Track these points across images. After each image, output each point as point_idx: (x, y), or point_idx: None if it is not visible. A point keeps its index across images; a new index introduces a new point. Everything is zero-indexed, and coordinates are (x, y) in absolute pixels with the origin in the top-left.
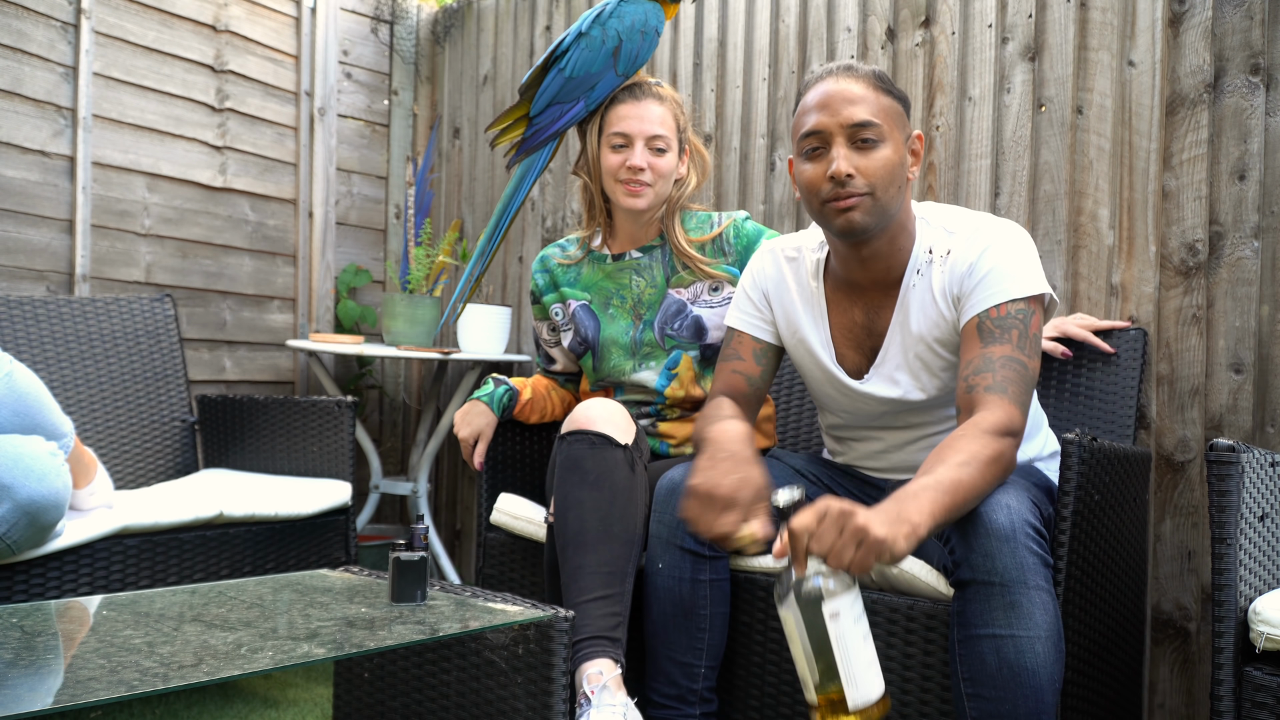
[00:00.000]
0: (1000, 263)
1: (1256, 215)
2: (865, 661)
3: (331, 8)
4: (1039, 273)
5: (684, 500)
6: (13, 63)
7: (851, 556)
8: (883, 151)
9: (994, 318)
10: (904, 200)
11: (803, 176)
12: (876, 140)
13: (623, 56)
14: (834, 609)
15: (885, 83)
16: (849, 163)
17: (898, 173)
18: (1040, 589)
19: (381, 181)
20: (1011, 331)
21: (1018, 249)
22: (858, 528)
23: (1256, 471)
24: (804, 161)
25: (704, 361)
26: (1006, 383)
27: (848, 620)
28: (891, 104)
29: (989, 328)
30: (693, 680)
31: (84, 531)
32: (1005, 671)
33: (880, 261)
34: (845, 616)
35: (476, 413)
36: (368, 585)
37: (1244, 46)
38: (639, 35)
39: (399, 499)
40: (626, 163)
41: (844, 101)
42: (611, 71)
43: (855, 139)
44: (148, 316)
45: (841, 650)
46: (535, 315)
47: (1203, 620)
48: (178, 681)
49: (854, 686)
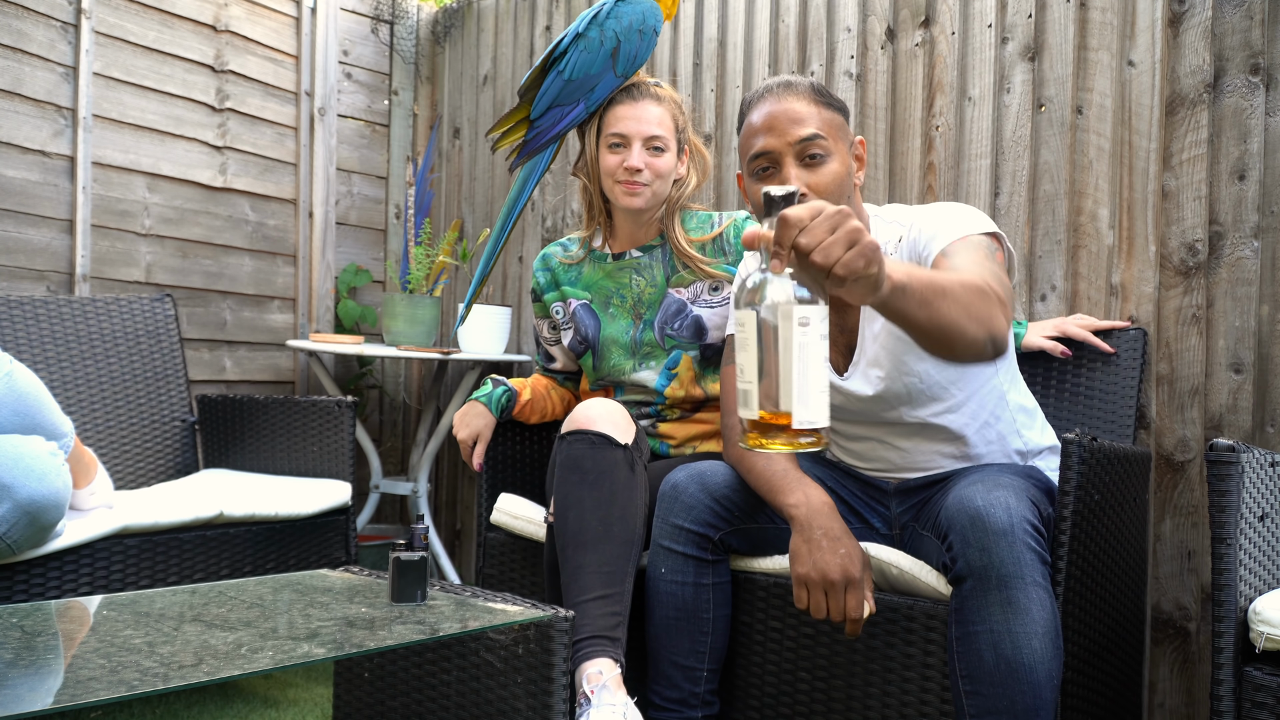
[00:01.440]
0: (948, 217)
1: (1256, 215)
2: (819, 386)
3: (331, 8)
4: (987, 219)
5: (797, 591)
6: (13, 63)
7: (840, 255)
8: (830, 166)
9: (954, 244)
10: (855, 205)
11: (755, 196)
12: (824, 155)
13: (621, 57)
14: (805, 315)
15: (825, 95)
16: (799, 182)
17: (845, 183)
18: (1037, 585)
19: (381, 181)
20: (975, 251)
21: (962, 208)
22: (853, 229)
23: (1256, 471)
24: (755, 181)
25: (704, 361)
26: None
27: (815, 333)
28: (833, 116)
29: (949, 250)
30: (695, 683)
31: (84, 531)
32: (1002, 668)
33: None
34: (814, 329)
35: (475, 414)
36: (368, 585)
37: (1244, 46)
38: (637, 35)
39: (399, 499)
40: (624, 163)
41: (789, 121)
42: (611, 73)
43: (803, 156)
44: (148, 316)
45: (802, 363)
46: (536, 313)
47: (1203, 620)
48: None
49: (804, 406)
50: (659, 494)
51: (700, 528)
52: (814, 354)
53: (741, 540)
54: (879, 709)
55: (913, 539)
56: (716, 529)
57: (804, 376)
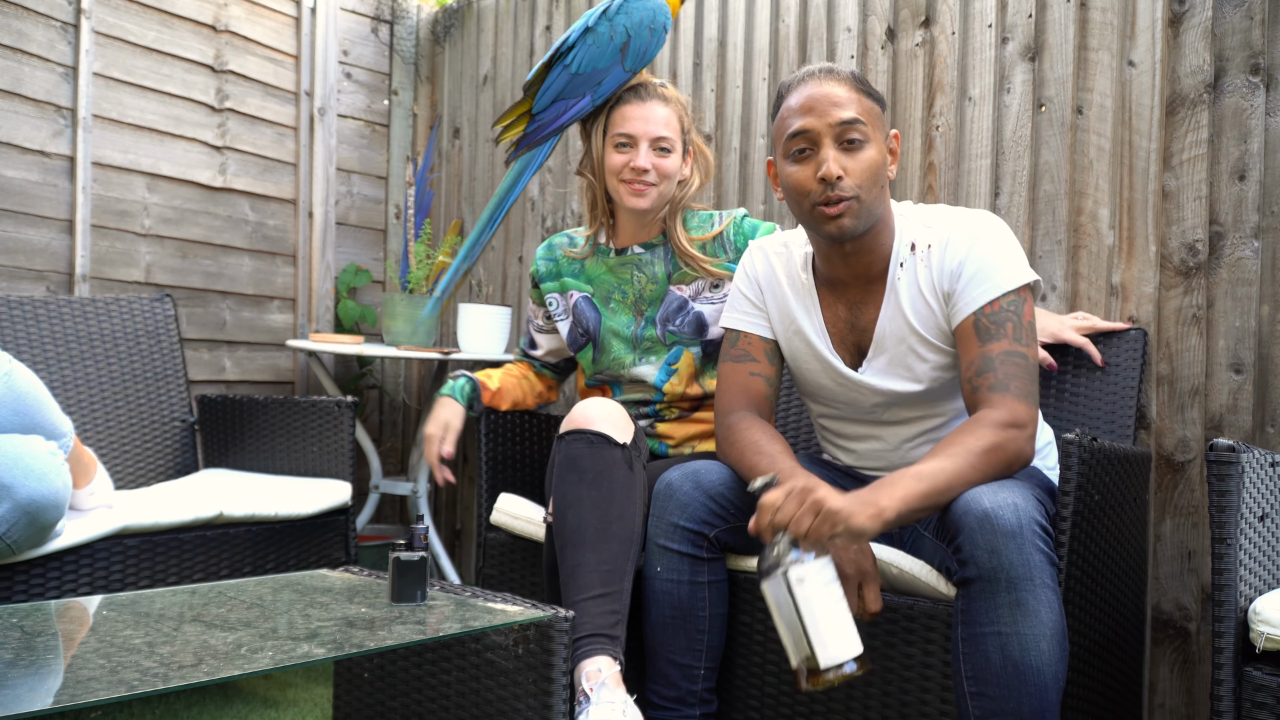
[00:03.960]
0: (987, 258)
1: (1256, 215)
2: (835, 623)
3: (331, 8)
4: (1023, 261)
5: None
6: (13, 63)
7: (808, 525)
8: (868, 152)
9: (988, 314)
10: (885, 199)
11: (790, 179)
12: (862, 140)
13: (631, 52)
14: (800, 574)
15: (864, 84)
16: (838, 164)
17: (880, 173)
18: (1046, 587)
19: (381, 181)
20: (1006, 325)
21: (1000, 241)
22: (816, 500)
23: (1256, 471)
24: (790, 164)
25: (705, 359)
26: (1009, 378)
27: (815, 585)
28: (872, 105)
29: (984, 325)
30: (692, 682)
31: (84, 531)
32: (1010, 670)
33: (863, 257)
34: (812, 582)
35: (441, 406)
36: (368, 585)
37: (1244, 46)
38: (648, 31)
39: (399, 499)
40: (631, 163)
41: (830, 104)
42: (619, 67)
43: (842, 139)
44: (148, 316)
45: (809, 612)
46: (533, 299)
47: (1203, 620)
48: (178, 681)
49: (823, 647)
50: (654, 493)
51: (695, 525)
52: (819, 601)
53: (737, 538)
54: (879, 709)
55: (913, 539)
56: (712, 526)
57: (815, 622)
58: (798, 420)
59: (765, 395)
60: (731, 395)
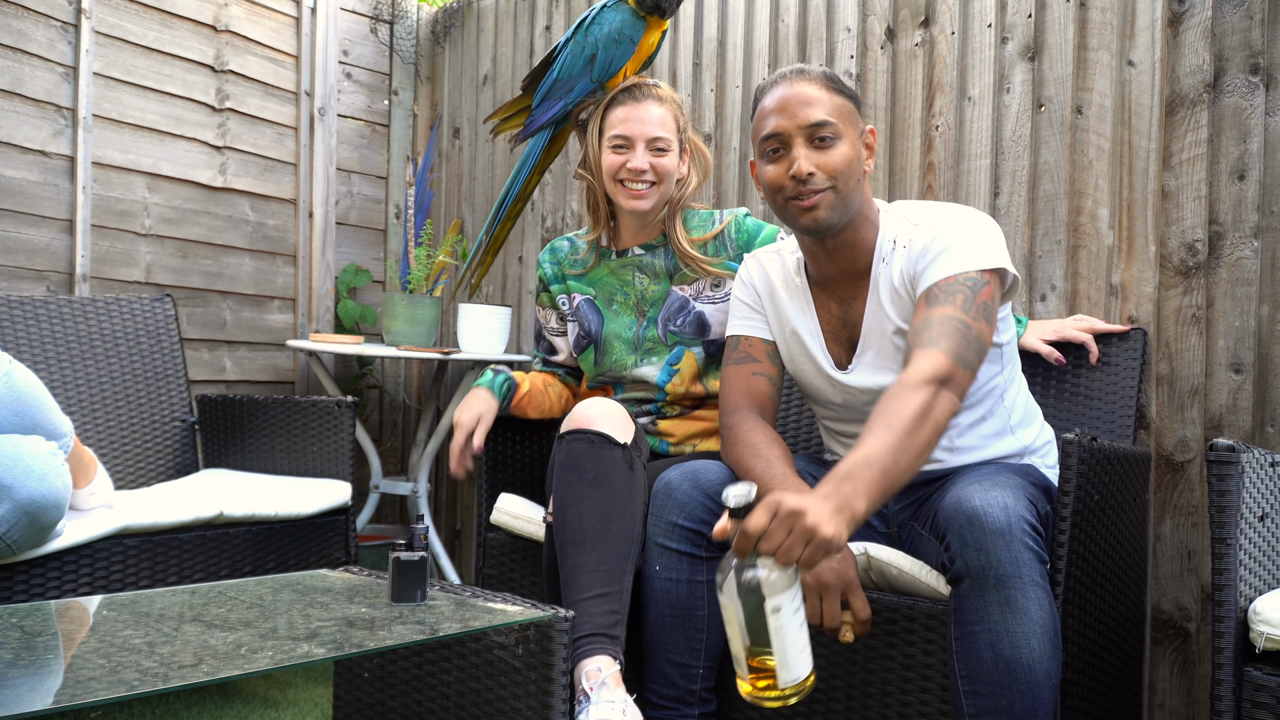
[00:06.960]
0: (953, 240)
1: (1256, 215)
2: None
3: (331, 8)
4: (995, 249)
5: None
6: (13, 63)
7: (800, 554)
8: (840, 149)
9: (941, 285)
10: (863, 193)
11: (765, 177)
12: (833, 138)
13: (597, 65)
14: (776, 604)
15: (836, 83)
16: (809, 162)
17: (855, 166)
18: (1035, 584)
19: (381, 181)
20: (956, 296)
21: (973, 228)
22: (807, 528)
23: (1256, 471)
24: (766, 163)
25: (708, 359)
26: (940, 337)
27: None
28: (844, 103)
29: (934, 293)
30: (691, 681)
31: (84, 531)
32: (1001, 667)
33: (846, 252)
34: (786, 610)
35: (477, 398)
36: (368, 585)
37: (1244, 46)
38: (614, 44)
39: (399, 499)
40: (628, 164)
41: (800, 104)
42: (587, 77)
43: (814, 139)
44: (148, 316)
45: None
46: (542, 303)
47: (1203, 620)
48: (178, 681)
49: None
50: (653, 492)
51: (694, 524)
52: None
53: None
54: (879, 709)
55: (911, 538)
56: (711, 525)
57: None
58: (798, 420)
59: (768, 395)
60: (735, 396)
